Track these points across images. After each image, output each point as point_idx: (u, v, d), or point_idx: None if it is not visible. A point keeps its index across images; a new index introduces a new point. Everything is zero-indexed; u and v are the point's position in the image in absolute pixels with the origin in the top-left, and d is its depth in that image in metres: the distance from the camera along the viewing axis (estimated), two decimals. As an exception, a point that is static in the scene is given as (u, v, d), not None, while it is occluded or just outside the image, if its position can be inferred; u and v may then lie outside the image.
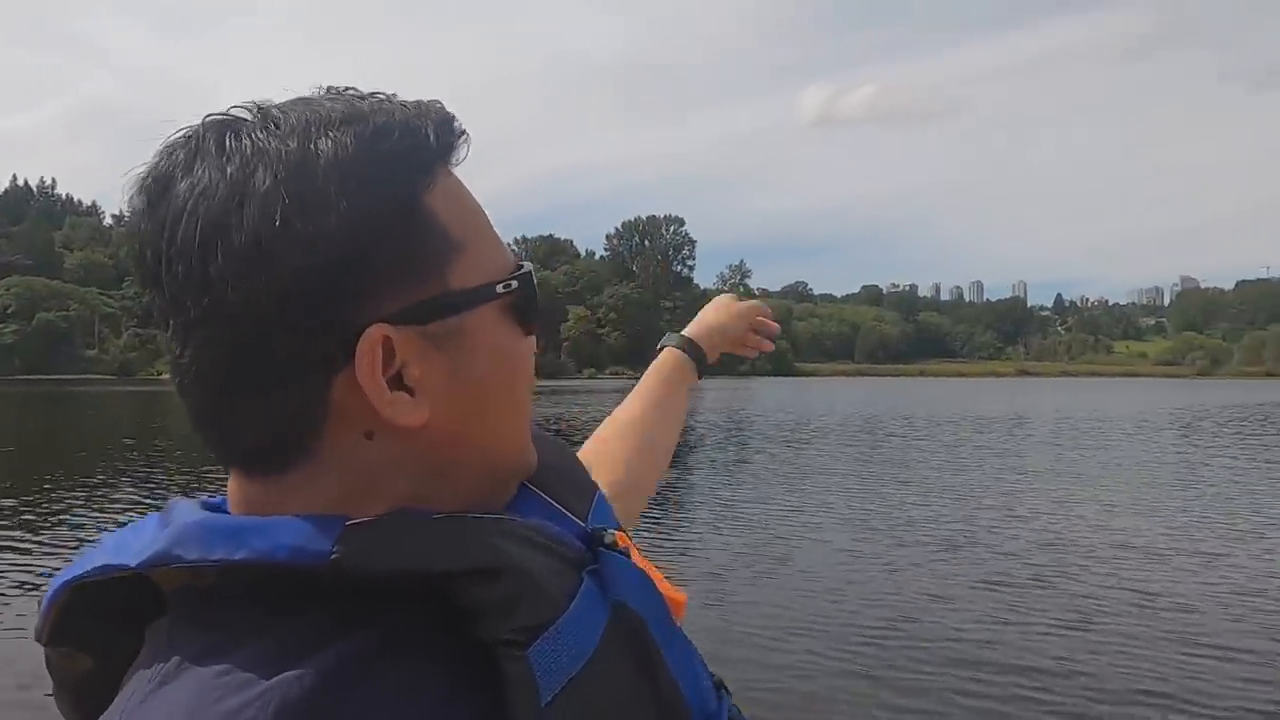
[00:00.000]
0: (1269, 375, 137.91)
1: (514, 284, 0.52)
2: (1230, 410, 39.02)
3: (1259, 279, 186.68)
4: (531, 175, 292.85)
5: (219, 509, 0.53)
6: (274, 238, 0.45)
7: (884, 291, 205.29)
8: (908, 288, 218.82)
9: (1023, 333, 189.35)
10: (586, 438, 0.98)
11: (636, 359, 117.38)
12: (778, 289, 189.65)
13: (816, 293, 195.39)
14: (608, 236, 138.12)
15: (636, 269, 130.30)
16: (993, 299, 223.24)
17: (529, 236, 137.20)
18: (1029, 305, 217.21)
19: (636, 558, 0.56)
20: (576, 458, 0.69)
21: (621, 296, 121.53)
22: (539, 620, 0.47)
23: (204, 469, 14.09)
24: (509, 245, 0.51)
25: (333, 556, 0.45)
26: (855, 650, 5.77)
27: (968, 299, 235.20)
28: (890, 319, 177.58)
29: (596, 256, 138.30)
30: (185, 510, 0.51)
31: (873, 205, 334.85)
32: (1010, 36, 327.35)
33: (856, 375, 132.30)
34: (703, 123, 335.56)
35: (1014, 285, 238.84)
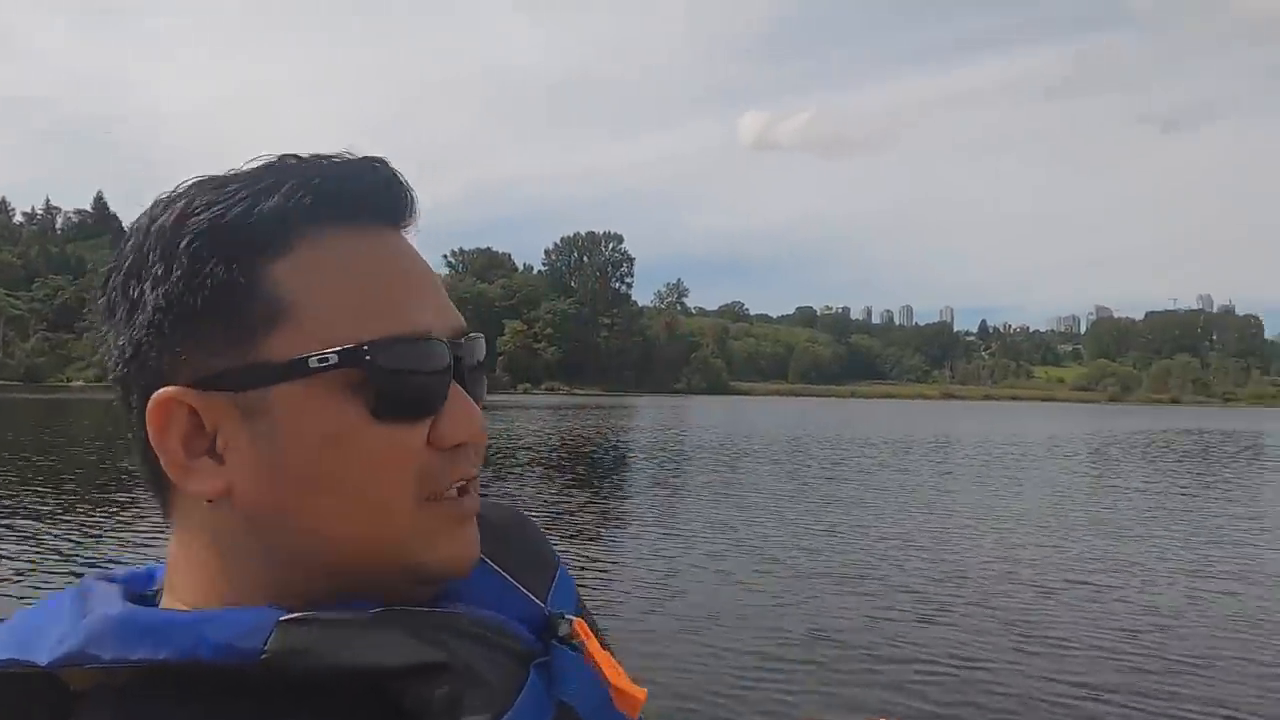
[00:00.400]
0: (1174, 402, 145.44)
1: (332, 359, 0.47)
2: (1136, 436, 41.03)
3: (1166, 310, 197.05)
4: (470, 187, 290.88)
5: (143, 593, 0.52)
6: (112, 304, 0.49)
7: (818, 313, 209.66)
8: (841, 310, 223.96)
9: (949, 356, 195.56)
10: (520, 454, 0.89)
11: (573, 374, 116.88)
12: (715, 308, 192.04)
13: (753, 313, 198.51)
14: (546, 251, 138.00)
15: (575, 284, 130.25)
16: (922, 323, 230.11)
17: (467, 249, 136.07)
18: (956, 330, 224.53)
19: (594, 649, 0.54)
20: (538, 530, 0.66)
21: (559, 312, 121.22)
22: None
23: (116, 483, 13.57)
24: (447, 264, 0.45)
25: (263, 656, 0.44)
26: (750, 683, 5.81)
27: (898, 322, 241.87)
28: (824, 340, 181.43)
29: (535, 271, 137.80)
30: (104, 598, 0.48)
31: (809, 228, 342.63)
32: (940, 72, 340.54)
33: (790, 395, 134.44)
34: (643, 141, 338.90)
35: (942, 310, 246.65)
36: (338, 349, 0.48)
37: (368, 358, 0.47)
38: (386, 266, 0.50)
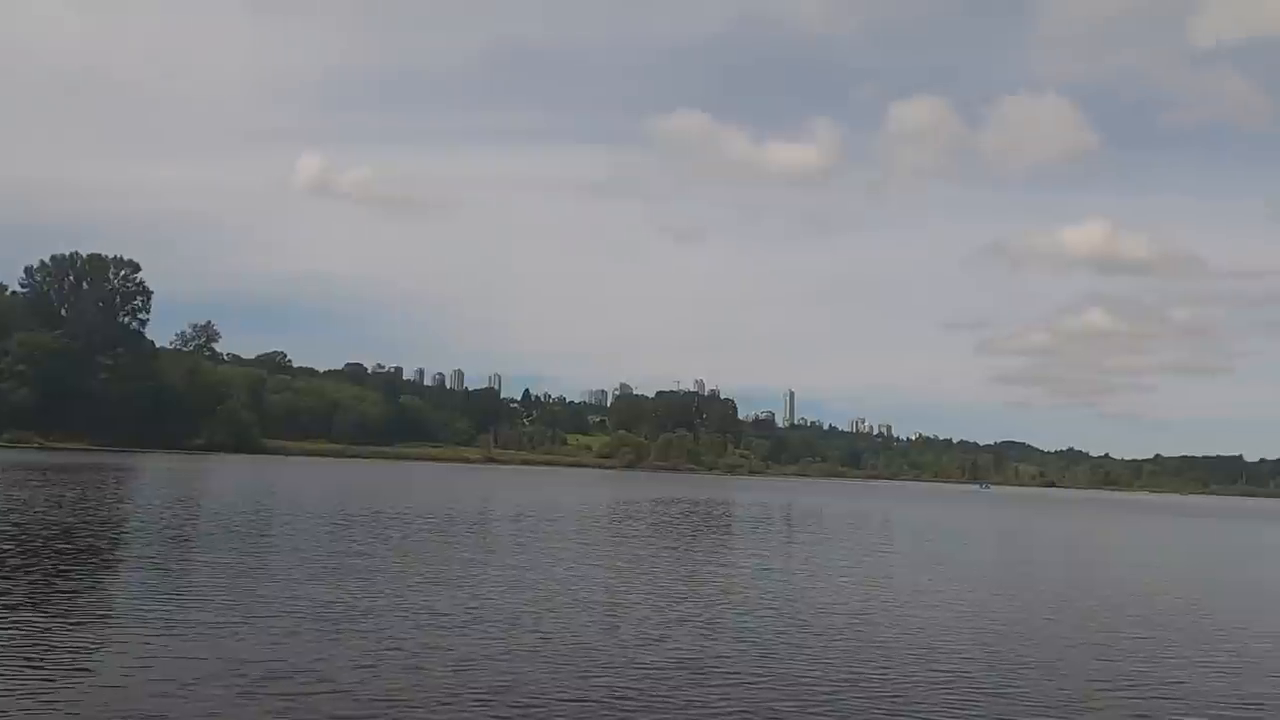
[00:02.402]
0: (674, 469, 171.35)
1: None
2: (633, 505, 46.95)
3: (671, 390, 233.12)
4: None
5: None
6: None
7: (369, 370, 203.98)
8: (393, 369, 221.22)
9: (495, 421, 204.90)
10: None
11: (52, 422, 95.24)
12: (252, 356, 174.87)
13: (296, 365, 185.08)
14: (29, 270, 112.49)
15: (66, 314, 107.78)
16: (472, 388, 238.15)
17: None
18: (502, 397, 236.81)
19: None
20: None
21: (38, 345, 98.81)
22: None
23: None
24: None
25: None
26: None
27: (449, 386, 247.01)
28: (373, 399, 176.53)
29: (9, 291, 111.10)
30: None
31: (365, 284, 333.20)
32: (504, 152, 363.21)
33: (333, 456, 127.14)
34: (183, 165, 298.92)
35: (491, 377, 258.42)
36: None
37: None
38: None
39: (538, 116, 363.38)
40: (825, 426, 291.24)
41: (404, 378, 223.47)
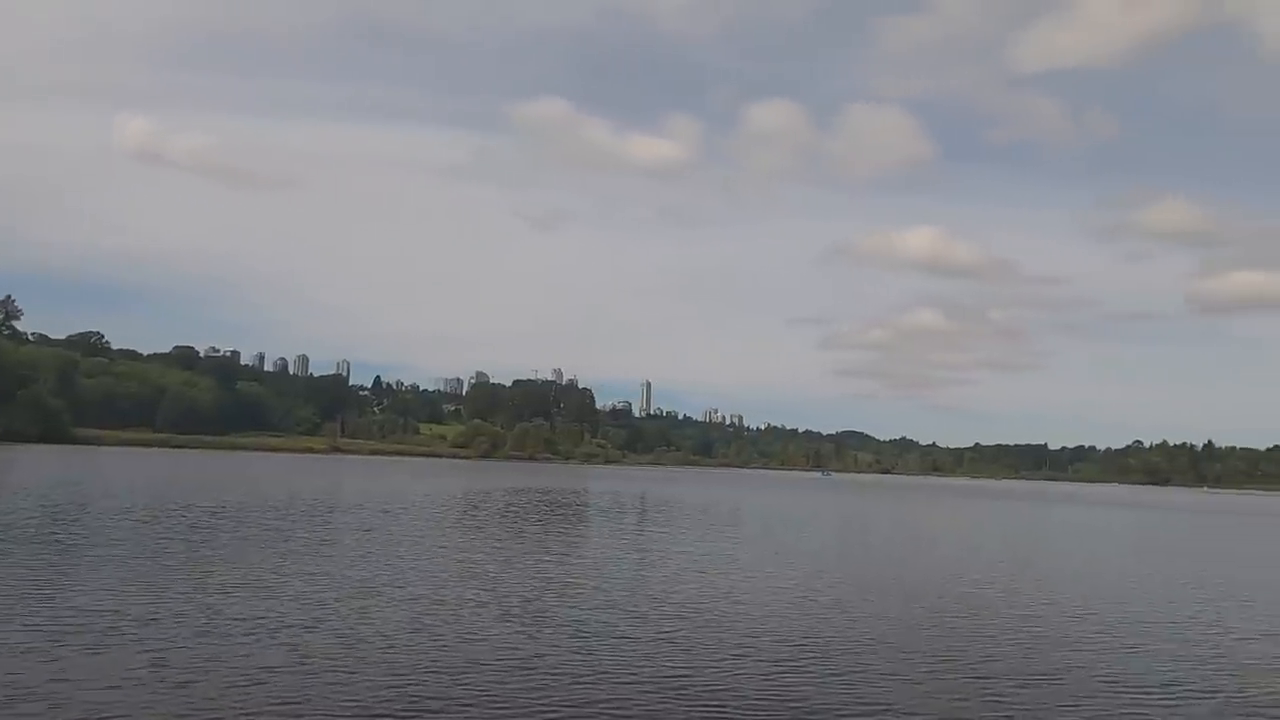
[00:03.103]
0: (530, 459, 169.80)
1: None
2: (484, 494, 45.80)
3: (529, 379, 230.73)
4: None
5: None
6: None
7: (201, 354, 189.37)
8: (230, 354, 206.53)
9: (342, 410, 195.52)
10: None
11: None
12: (62, 337, 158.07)
13: (115, 346, 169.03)
14: None
15: None
16: (317, 374, 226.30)
17: None
18: (351, 384, 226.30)
19: None
20: None
21: None
22: None
23: None
24: None
25: None
26: None
27: (293, 372, 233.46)
28: (205, 385, 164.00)
29: None
30: None
31: (198, 261, 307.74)
32: (356, 129, 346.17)
33: (157, 446, 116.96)
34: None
35: (339, 363, 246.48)
36: None
37: None
38: None
39: (394, 94, 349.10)
40: (680, 416, 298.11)
41: (241, 362, 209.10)
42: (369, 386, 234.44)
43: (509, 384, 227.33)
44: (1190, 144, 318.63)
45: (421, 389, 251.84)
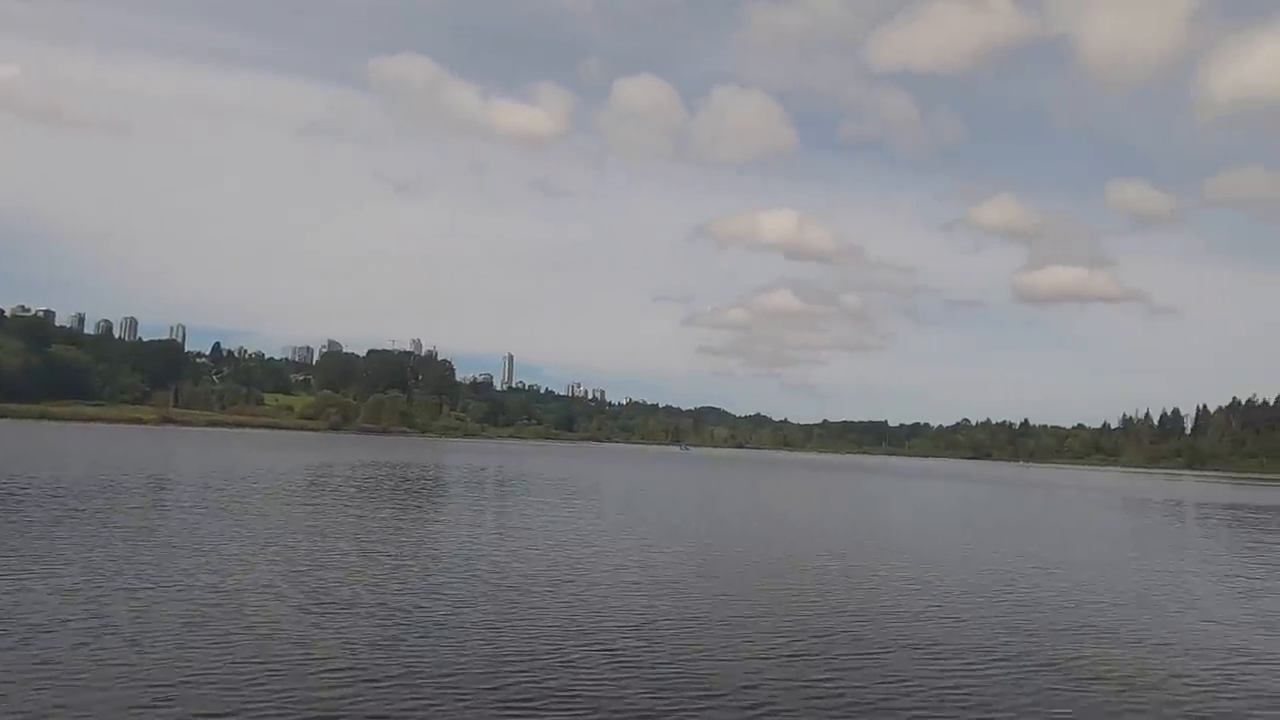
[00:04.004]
0: (384, 432, 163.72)
1: None
2: (344, 469, 43.41)
3: (385, 349, 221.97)
4: None
5: None
6: None
7: (6, 314, 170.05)
8: (42, 313, 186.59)
9: (176, 378, 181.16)
10: None
11: None
12: None
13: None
14: None
15: None
16: (147, 338, 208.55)
17: None
18: (186, 350, 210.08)
19: None
20: None
21: None
22: None
23: None
24: None
25: None
26: None
27: (119, 335, 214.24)
28: (11, 348, 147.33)
29: None
30: None
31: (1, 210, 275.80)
32: (193, 72, 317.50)
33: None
34: None
35: (173, 327, 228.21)
36: None
37: None
38: None
39: (242, 39, 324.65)
40: (543, 390, 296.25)
41: (56, 324, 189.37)
42: (207, 354, 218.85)
43: (364, 354, 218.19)
44: (1020, 148, 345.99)
45: (267, 357, 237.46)
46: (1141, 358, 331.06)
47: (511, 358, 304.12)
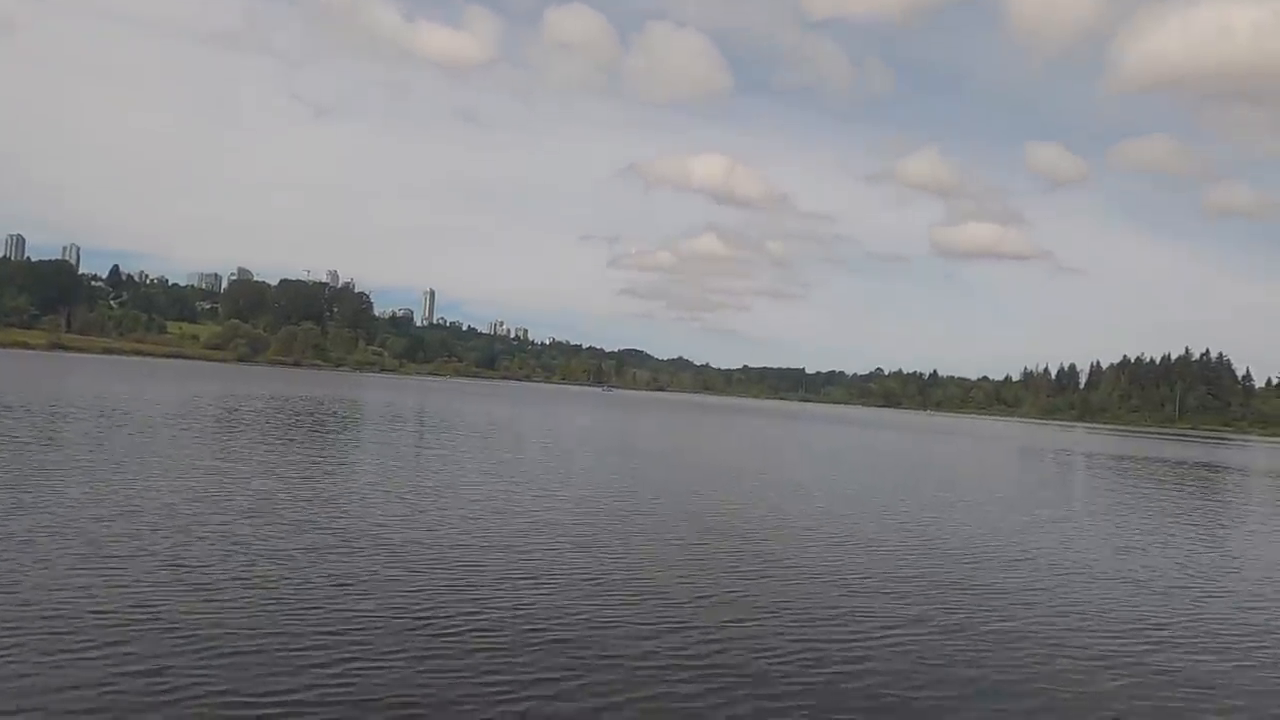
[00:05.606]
0: (296, 365, 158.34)
1: None
2: (246, 401, 41.39)
3: (299, 279, 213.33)
4: None
5: None
6: None
7: None
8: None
9: (69, 302, 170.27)
10: None
11: None
12: None
13: None
14: None
15: None
16: (36, 258, 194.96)
17: None
18: (80, 273, 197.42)
19: None
20: None
21: None
22: None
23: None
24: None
25: None
26: None
27: (4, 254, 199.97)
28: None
29: None
30: None
31: None
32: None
33: None
34: None
35: (65, 248, 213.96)
36: None
37: None
38: None
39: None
40: (464, 328, 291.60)
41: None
42: (104, 277, 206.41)
43: (276, 283, 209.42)
44: (946, 105, 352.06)
45: (171, 283, 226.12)
46: (1045, 314, 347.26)
47: (433, 293, 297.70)
